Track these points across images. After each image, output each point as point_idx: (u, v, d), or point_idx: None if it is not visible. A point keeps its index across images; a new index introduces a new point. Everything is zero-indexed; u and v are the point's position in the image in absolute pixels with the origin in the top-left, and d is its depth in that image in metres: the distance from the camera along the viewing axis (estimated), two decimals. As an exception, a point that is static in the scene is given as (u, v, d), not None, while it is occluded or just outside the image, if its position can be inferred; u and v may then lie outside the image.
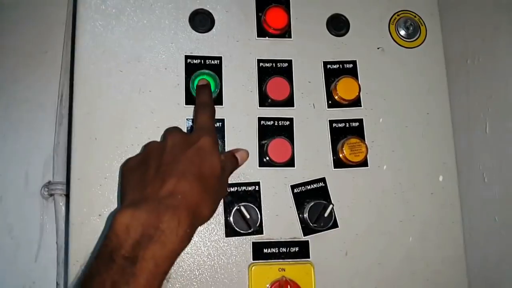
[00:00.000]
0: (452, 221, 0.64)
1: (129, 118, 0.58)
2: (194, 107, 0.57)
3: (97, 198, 0.56)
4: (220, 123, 0.60)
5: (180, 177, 0.44)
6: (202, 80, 0.59)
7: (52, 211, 0.74)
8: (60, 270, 0.70)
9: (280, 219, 0.59)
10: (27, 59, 0.77)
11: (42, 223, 0.73)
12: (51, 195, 0.73)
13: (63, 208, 0.72)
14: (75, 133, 0.57)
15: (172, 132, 0.50)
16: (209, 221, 0.56)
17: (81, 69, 0.59)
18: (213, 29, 0.63)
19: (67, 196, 0.71)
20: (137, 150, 0.57)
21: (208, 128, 0.51)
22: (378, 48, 0.67)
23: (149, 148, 0.50)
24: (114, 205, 0.56)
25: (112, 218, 0.41)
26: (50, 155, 0.74)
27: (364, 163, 0.62)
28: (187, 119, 0.59)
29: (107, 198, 0.56)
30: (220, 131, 0.60)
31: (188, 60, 0.61)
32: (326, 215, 0.58)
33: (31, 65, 0.77)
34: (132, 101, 0.59)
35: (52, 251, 0.72)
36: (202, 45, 0.62)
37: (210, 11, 0.63)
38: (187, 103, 0.60)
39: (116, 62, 0.59)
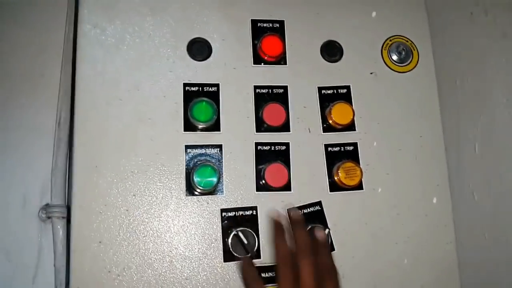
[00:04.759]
0: (446, 242, 0.65)
1: (129, 146, 0.59)
2: (296, 249, 0.52)
3: (97, 225, 0.57)
4: (218, 149, 0.61)
5: None
6: (295, 214, 0.56)
7: (50, 233, 0.74)
8: (58, 294, 0.70)
9: (277, 243, 0.60)
10: (24, 83, 0.77)
11: (40, 245, 0.73)
12: (49, 217, 0.73)
13: (61, 230, 0.72)
14: (76, 161, 0.58)
15: None
16: (207, 246, 0.58)
17: (81, 98, 0.60)
18: (211, 57, 0.64)
19: (66, 218, 0.72)
20: (136, 178, 0.58)
21: None
22: (371, 73, 0.68)
23: None
24: (113, 231, 0.57)
25: None
26: (47, 178, 0.75)
27: (359, 187, 0.64)
28: (185, 145, 0.61)
29: (107, 225, 0.57)
30: (218, 157, 0.61)
31: (187, 88, 0.62)
32: (322, 239, 0.59)
33: (27, 89, 0.77)
34: (131, 129, 0.60)
35: (50, 273, 0.72)
36: (200, 72, 0.63)
37: (207, 39, 0.64)
38: (185, 129, 0.61)
39: (116, 91, 0.61)
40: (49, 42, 0.79)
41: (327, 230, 0.59)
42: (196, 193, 0.59)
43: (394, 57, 0.70)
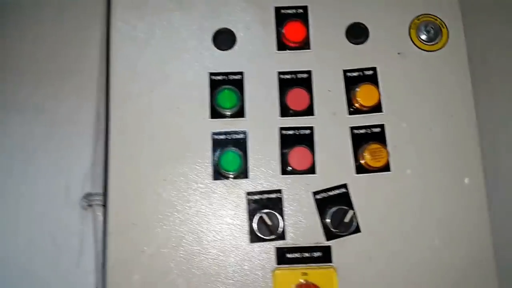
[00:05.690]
0: (480, 224, 0.63)
1: (160, 134, 0.63)
2: None
3: (132, 209, 0.61)
4: (243, 135, 0.63)
5: None
6: None
7: (91, 220, 0.79)
8: (99, 275, 0.75)
9: (303, 225, 0.62)
10: (69, 79, 0.82)
11: (82, 232, 0.79)
12: (90, 205, 0.79)
13: (101, 217, 0.78)
14: (112, 150, 0.63)
15: None
16: (234, 228, 0.61)
17: (115, 92, 0.64)
18: (235, 46, 0.66)
19: (104, 206, 0.77)
20: (167, 164, 0.62)
21: None
22: (398, 54, 0.67)
23: None
24: (146, 214, 0.61)
25: None
26: (88, 168, 0.80)
27: (386, 168, 0.63)
28: (212, 132, 0.63)
29: (141, 209, 0.61)
30: (243, 143, 0.63)
31: (212, 77, 0.65)
32: (347, 220, 0.60)
33: (71, 85, 0.82)
34: (162, 118, 0.64)
35: (91, 257, 0.77)
36: (225, 61, 0.66)
37: (232, 29, 0.66)
38: (211, 117, 0.64)
39: (146, 83, 0.64)
40: (89, 39, 0.84)
41: (350, 212, 0.60)
42: (223, 177, 0.62)
43: (423, 36, 0.68)
